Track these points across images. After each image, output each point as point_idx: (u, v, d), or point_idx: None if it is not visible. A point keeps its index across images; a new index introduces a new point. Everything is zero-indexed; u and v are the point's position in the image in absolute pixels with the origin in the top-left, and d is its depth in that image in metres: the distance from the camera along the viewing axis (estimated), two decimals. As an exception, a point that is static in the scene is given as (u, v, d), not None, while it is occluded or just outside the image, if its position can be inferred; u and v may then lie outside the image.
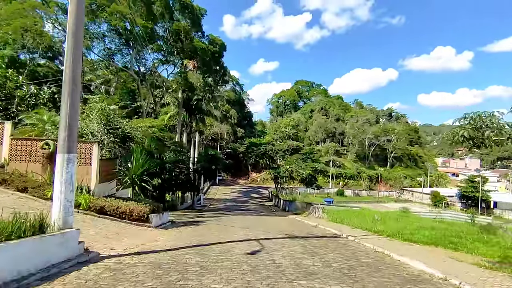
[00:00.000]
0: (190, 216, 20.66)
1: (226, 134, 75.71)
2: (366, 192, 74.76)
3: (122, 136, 12.63)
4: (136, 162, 12.04)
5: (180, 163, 27.19)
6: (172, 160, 26.96)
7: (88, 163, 11.20)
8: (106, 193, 12.37)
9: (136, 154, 12.08)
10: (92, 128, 11.63)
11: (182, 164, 27.30)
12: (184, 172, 26.25)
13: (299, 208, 30.48)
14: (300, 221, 17.26)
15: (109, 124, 11.96)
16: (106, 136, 11.81)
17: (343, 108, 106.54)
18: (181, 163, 27.23)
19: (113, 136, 11.89)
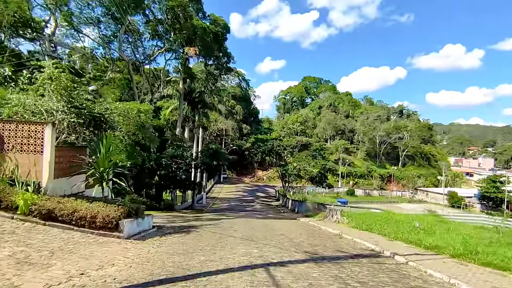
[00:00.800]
0: (186, 218, 17.79)
1: (231, 130, 72.82)
2: (378, 192, 71.19)
3: (91, 118, 9.73)
4: (106, 151, 9.15)
5: (178, 158, 24.39)
6: (170, 155, 24.17)
7: (38, 150, 8.35)
8: (67, 191, 9.52)
9: (107, 142, 9.20)
10: (48, 106, 8.76)
11: (181, 160, 24.49)
12: (182, 168, 23.42)
13: (310, 209, 27.44)
14: (316, 227, 14.22)
15: (72, 101, 9.09)
16: (68, 116, 8.92)
17: (353, 105, 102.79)
18: (179, 159, 24.42)
19: (76, 116, 8.99)
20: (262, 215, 23.13)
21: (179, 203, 28.81)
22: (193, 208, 27.06)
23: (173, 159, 24.12)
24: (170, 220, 16.63)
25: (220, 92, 50.23)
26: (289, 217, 22.07)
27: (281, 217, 22.28)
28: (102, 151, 9.28)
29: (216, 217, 18.84)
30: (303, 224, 15.99)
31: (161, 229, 11.67)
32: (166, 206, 24.14)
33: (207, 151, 25.98)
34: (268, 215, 23.37)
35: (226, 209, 28.57)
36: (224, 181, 66.44)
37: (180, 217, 18.77)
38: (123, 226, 8.33)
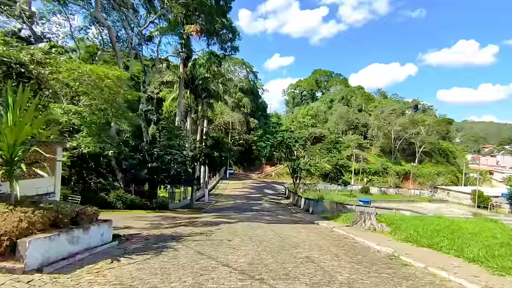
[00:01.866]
0: (176, 221, 14.07)
1: (238, 124, 69.02)
2: (394, 190, 66.50)
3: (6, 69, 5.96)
4: (17, 118, 5.38)
5: (174, 149, 20.71)
6: (163, 144, 20.48)
7: None
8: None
9: (21, 99, 5.44)
10: None
11: (177, 151, 20.81)
12: (177, 160, 19.72)
13: (327, 210, 23.50)
14: (350, 239, 10.27)
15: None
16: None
17: (366, 98, 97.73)
18: (175, 149, 20.73)
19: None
20: (272, 216, 19.26)
21: (177, 201, 25.21)
22: (192, 207, 23.40)
23: (167, 149, 20.44)
24: (155, 224, 12.94)
25: (226, 81, 46.41)
26: (306, 221, 18.14)
27: (295, 219, 18.35)
28: (10, 117, 5.51)
29: (214, 220, 15.05)
30: (329, 233, 12.05)
31: (126, 242, 7.95)
32: (160, 204, 20.55)
33: (208, 140, 22.25)
34: (279, 217, 19.49)
35: (229, 209, 24.83)
36: (230, 177, 62.82)
37: (170, 220, 15.06)
38: (24, 249, 4.57)
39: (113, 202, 19.05)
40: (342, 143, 38.28)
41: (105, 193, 19.36)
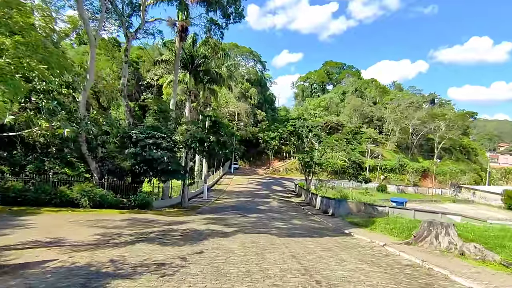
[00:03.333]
0: (141, 232, 9.43)
1: (244, 115, 64.16)
2: (413, 189, 61.01)
3: None
4: None
5: (159, 132, 16.12)
6: (147, 126, 15.95)
7: None
8: None
9: None
10: None
11: (164, 134, 16.21)
12: (161, 145, 15.12)
13: (353, 212, 18.67)
14: (441, 278, 5.41)
15: None
16: None
17: (381, 91, 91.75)
18: (160, 132, 16.13)
19: None
20: (284, 221, 14.51)
21: (167, 197, 20.67)
22: (183, 206, 18.81)
23: (150, 131, 15.85)
24: (109, 236, 8.40)
25: (231, 67, 41.58)
26: (329, 227, 13.34)
27: (316, 226, 13.54)
28: None
29: (202, 228, 10.39)
30: (387, 261, 7.21)
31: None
32: (140, 202, 15.99)
33: (202, 121, 17.58)
34: (294, 222, 14.72)
35: (230, 208, 20.21)
36: (235, 172, 58.30)
37: (139, 226, 10.48)
38: None
39: (77, 199, 14.59)
40: (362, 133, 33.43)
41: (67, 187, 14.91)
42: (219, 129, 17.53)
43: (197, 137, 16.09)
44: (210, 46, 27.07)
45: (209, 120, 17.70)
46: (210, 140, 16.10)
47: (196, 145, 16.39)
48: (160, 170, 15.39)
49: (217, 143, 16.80)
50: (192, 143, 16.34)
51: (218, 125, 17.52)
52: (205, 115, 18.06)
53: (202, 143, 16.54)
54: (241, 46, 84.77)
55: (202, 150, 16.99)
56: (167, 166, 15.35)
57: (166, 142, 15.50)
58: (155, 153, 14.94)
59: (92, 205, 14.93)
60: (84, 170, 18.50)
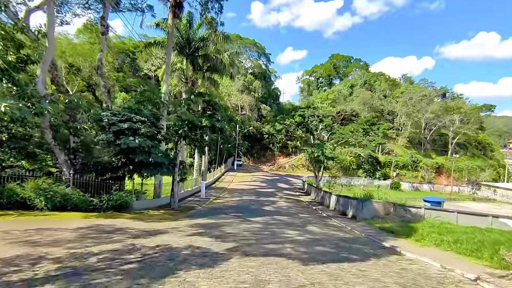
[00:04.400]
0: (77, 255, 5.97)
1: (248, 109, 60.70)
2: (428, 186, 57.21)
3: None
4: None
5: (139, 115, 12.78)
6: (125, 108, 12.64)
7: None
8: None
9: None
10: None
11: (145, 118, 12.90)
12: (139, 130, 11.76)
13: (380, 215, 15.19)
14: None
15: None
16: None
17: (391, 84, 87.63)
18: (141, 115, 12.79)
19: None
20: (299, 229, 11.07)
21: (159, 196, 17.36)
22: (172, 206, 15.46)
23: (128, 114, 12.51)
24: (14, 262, 4.93)
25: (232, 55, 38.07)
26: (362, 239, 9.89)
27: (343, 238, 10.03)
28: None
29: (181, 245, 6.98)
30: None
31: None
32: (116, 203, 12.69)
33: (193, 102, 14.12)
34: (310, 229, 11.28)
35: (230, 209, 16.87)
36: (238, 169, 54.88)
37: (91, 240, 7.15)
38: None
39: (32, 198, 11.35)
40: (380, 124, 29.93)
41: (17, 184, 11.68)
42: (214, 112, 14.16)
43: (185, 121, 12.70)
44: (207, 22, 23.58)
45: (202, 100, 14.33)
46: (202, 124, 12.72)
47: (185, 131, 13.02)
48: (139, 162, 12.04)
49: (212, 128, 13.42)
50: (180, 128, 12.98)
51: (213, 107, 14.10)
52: (195, 92, 14.51)
53: (193, 128, 13.15)
54: (244, 38, 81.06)
55: (192, 137, 13.61)
56: (147, 158, 12.00)
57: (147, 127, 12.13)
58: (131, 141, 11.60)
59: (51, 207, 11.68)
60: (52, 163, 15.31)
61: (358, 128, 27.96)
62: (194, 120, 12.64)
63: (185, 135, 13.35)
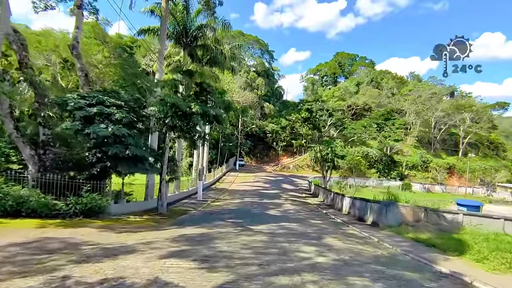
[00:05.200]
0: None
1: (251, 106, 58.14)
2: (440, 188, 54.29)
3: None
4: None
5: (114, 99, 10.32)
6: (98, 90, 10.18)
7: None
8: None
9: None
10: None
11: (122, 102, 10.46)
12: (112, 117, 9.30)
13: (408, 221, 12.62)
14: None
15: None
16: None
17: (398, 82, 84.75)
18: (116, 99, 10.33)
19: None
20: (317, 245, 8.49)
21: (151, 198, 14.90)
22: (159, 211, 12.97)
23: (101, 98, 10.05)
24: None
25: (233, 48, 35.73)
26: (406, 261, 7.27)
27: (379, 258, 7.41)
28: None
29: (140, 282, 4.45)
30: None
31: None
32: (85, 208, 10.23)
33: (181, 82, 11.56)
34: (333, 247, 8.71)
35: (228, 214, 14.38)
36: (240, 169, 52.43)
37: (16, 265, 4.58)
38: None
39: (-27, 203, 8.94)
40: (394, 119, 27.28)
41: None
42: (208, 97, 11.65)
43: (169, 105, 10.18)
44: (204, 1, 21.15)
45: (193, 82, 11.77)
46: (191, 110, 10.20)
47: (172, 119, 10.54)
48: (113, 156, 9.58)
49: (205, 116, 10.89)
50: (165, 116, 10.52)
51: (206, 91, 11.58)
52: (183, 69, 11.89)
53: (182, 116, 10.64)
54: (247, 34, 78.73)
55: (182, 128, 11.06)
56: (123, 150, 9.53)
57: (124, 112, 9.66)
58: (101, 129, 9.13)
59: (1, 213, 9.28)
60: (17, 159, 12.95)
61: (371, 123, 25.37)
62: (180, 104, 10.12)
63: (173, 124, 10.88)
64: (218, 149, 48.98)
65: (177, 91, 11.58)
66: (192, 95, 11.39)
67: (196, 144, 12.57)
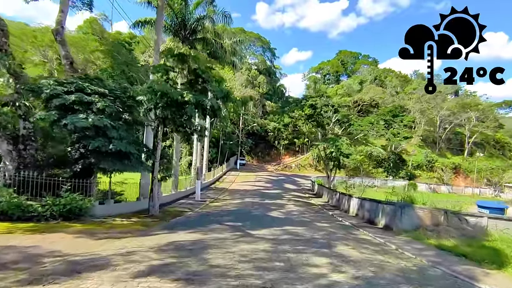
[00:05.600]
0: None
1: (251, 104, 56.91)
2: (447, 188, 52.85)
3: None
4: None
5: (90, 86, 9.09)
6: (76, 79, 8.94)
7: None
8: None
9: None
10: None
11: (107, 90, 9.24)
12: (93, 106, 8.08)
13: (426, 225, 11.38)
14: None
15: None
16: None
17: (402, 80, 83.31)
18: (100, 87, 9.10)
19: None
20: (329, 255, 7.27)
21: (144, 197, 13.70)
22: (151, 213, 11.76)
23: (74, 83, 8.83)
24: None
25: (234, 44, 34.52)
26: (436, 277, 5.96)
27: (407, 273, 6.15)
28: None
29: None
30: None
31: None
32: (65, 209, 9.05)
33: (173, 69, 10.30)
34: (348, 258, 7.45)
35: (227, 216, 13.17)
36: (241, 169, 51.26)
37: None
38: None
39: None
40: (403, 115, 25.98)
41: None
42: (204, 86, 10.37)
43: (159, 94, 8.91)
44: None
45: (186, 67, 10.46)
46: (184, 99, 8.92)
47: (163, 110, 9.29)
48: (95, 151, 8.37)
49: (199, 107, 9.62)
50: (156, 106, 9.25)
51: (202, 79, 10.27)
52: (175, 53, 10.54)
53: (174, 107, 9.36)
54: (248, 32, 77.49)
55: (175, 120, 9.78)
56: (106, 145, 8.32)
57: (108, 101, 8.45)
58: (80, 119, 7.93)
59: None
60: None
61: (379, 120, 24.07)
62: (171, 92, 8.84)
63: (164, 116, 9.65)
64: (218, 147, 47.79)
65: (169, 79, 10.34)
66: (187, 84, 10.14)
67: (191, 139, 11.26)
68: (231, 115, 59.58)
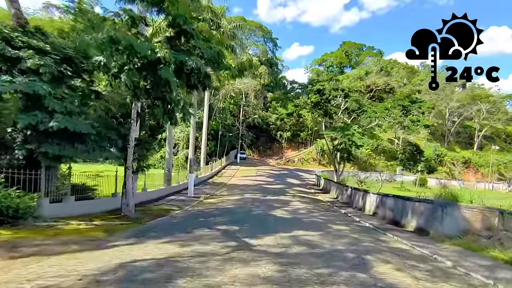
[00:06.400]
0: None
1: (252, 95, 54.20)
2: (458, 183, 50.15)
3: None
4: None
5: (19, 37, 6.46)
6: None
7: None
8: None
9: None
10: None
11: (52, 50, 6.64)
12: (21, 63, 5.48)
13: (475, 230, 8.74)
14: None
15: None
16: None
17: (409, 72, 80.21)
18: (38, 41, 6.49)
19: None
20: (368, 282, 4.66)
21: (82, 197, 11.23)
22: (123, 213, 9.25)
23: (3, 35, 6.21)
24: None
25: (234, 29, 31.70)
26: None
27: None
28: None
29: None
30: None
31: None
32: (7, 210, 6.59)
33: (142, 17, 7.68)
34: (386, 280, 4.88)
35: (221, 216, 10.67)
36: (242, 163, 48.76)
37: None
38: None
39: None
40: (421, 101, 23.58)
41: None
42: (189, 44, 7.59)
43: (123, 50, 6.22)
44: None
45: (168, 23, 7.61)
46: (156, 55, 6.33)
47: (131, 75, 6.64)
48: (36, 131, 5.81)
49: (180, 70, 6.94)
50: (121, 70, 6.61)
51: (185, 33, 7.51)
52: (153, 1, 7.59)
53: (146, 69, 6.74)
54: (249, 20, 74.36)
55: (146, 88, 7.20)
56: (45, 121, 5.77)
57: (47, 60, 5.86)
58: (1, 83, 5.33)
59: None
60: None
61: (395, 105, 21.62)
62: (137, 45, 6.20)
63: (132, 83, 6.98)
64: (217, 140, 45.28)
65: (140, 34, 7.66)
66: (164, 42, 7.50)
67: (174, 119, 8.62)
68: (231, 106, 57.09)
